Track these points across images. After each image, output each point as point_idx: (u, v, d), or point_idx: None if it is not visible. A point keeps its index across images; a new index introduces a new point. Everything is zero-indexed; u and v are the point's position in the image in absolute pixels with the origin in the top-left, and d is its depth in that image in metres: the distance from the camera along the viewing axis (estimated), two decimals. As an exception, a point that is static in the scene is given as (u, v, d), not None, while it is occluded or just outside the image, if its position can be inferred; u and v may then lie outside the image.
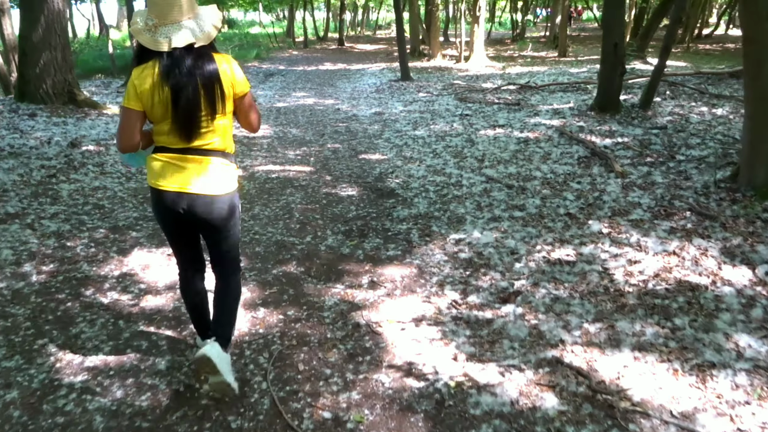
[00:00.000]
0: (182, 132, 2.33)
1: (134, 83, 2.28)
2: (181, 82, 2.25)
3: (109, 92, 11.73)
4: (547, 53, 22.33)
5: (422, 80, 14.04)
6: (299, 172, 6.28)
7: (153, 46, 2.25)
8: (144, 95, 2.27)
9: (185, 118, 2.30)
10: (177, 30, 2.27)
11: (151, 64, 2.27)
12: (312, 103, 11.13)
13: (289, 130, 8.47)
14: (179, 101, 2.26)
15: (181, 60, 2.26)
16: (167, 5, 2.26)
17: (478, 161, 6.38)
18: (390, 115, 9.35)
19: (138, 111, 2.32)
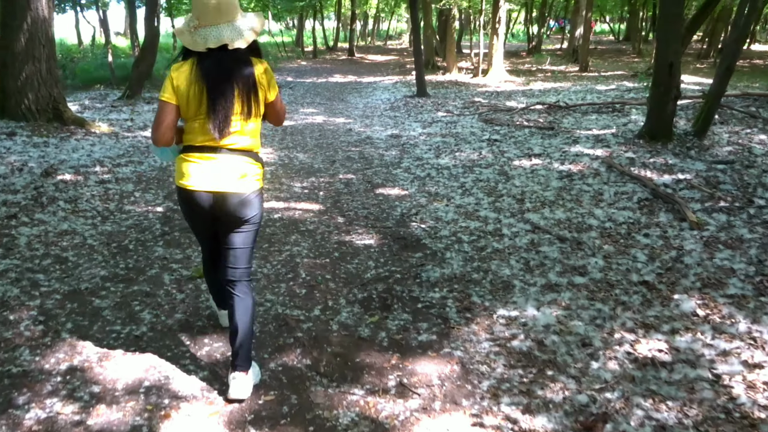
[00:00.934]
0: (214, 130, 2.42)
1: (171, 78, 2.41)
2: (216, 82, 2.39)
3: (103, 106, 10.84)
4: (566, 67, 21.42)
5: (439, 96, 13.10)
6: (306, 212, 5.34)
7: (191, 45, 2.43)
8: (180, 90, 2.40)
9: (219, 115, 2.40)
10: (214, 32, 2.41)
11: (190, 61, 2.43)
12: (321, 122, 10.20)
13: (295, 156, 7.53)
14: (215, 100, 2.39)
15: (219, 60, 2.41)
16: (207, 8, 2.41)
17: (518, 201, 5.42)
18: (408, 139, 8.40)
19: (173, 104, 2.43)
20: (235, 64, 2.43)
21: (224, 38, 2.41)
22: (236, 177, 2.52)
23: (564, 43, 32.41)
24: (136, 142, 7.94)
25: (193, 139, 2.51)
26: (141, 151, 7.44)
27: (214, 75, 2.40)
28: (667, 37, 6.69)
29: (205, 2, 2.41)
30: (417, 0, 12.36)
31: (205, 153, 2.49)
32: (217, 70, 2.41)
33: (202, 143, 2.49)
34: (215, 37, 2.41)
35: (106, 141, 7.85)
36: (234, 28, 2.44)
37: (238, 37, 2.44)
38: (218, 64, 2.41)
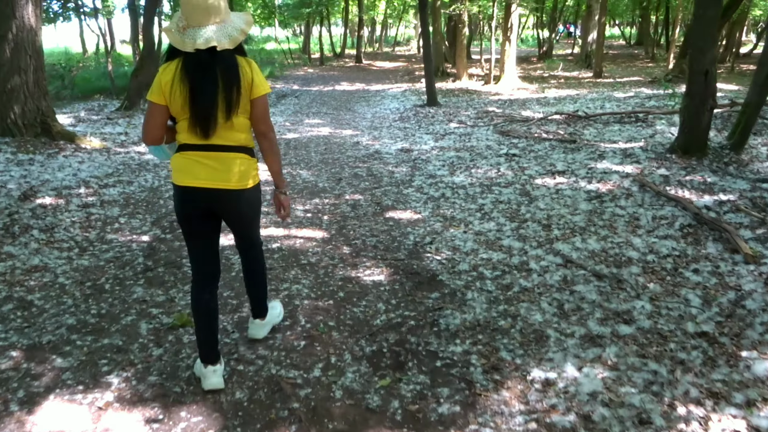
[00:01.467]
0: (199, 128, 2.48)
1: (159, 78, 2.47)
2: (198, 81, 2.43)
3: (99, 119, 10.36)
4: (579, 73, 20.84)
5: (451, 106, 12.55)
6: (308, 240, 4.79)
7: (180, 46, 2.44)
8: (166, 90, 2.44)
9: (202, 114, 2.46)
10: (202, 32, 2.43)
11: (176, 61, 2.46)
12: (327, 135, 9.67)
13: (298, 173, 6.99)
14: (196, 98, 2.43)
15: (202, 60, 2.43)
16: (195, 9, 2.42)
17: (544, 228, 4.85)
18: (420, 153, 7.85)
19: (161, 105, 2.49)
20: (219, 64, 2.45)
21: (212, 39, 2.42)
22: (230, 173, 2.56)
23: (574, 48, 31.84)
24: (128, 159, 7.43)
25: (185, 138, 2.54)
26: (132, 170, 6.92)
27: (197, 75, 2.43)
28: (702, 42, 6.12)
29: (194, 3, 2.42)
30: (427, 6, 11.83)
31: (197, 151, 2.53)
32: (201, 69, 2.44)
33: (193, 141, 2.52)
34: (203, 37, 2.42)
35: (96, 158, 7.34)
36: (222, 29, 2.47)
37: (225, 38, 2.46)
38: (202, 64, 2.43)
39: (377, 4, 37.84)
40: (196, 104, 2.44)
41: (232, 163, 2.56)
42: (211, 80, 2.44)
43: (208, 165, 2.53)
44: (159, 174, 6.76)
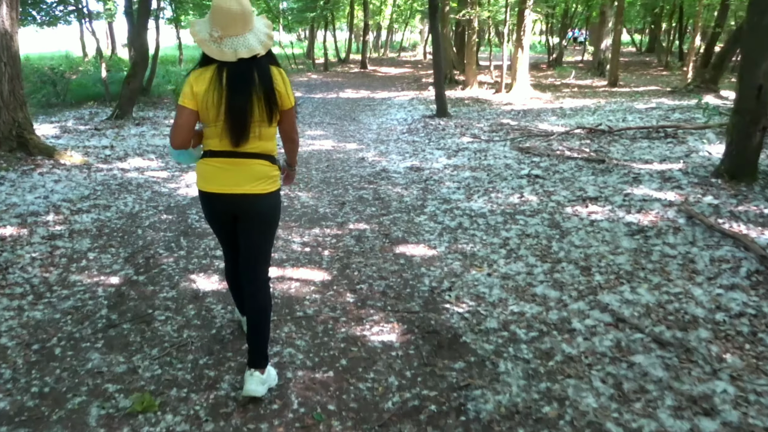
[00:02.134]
0: (232, 136, 2.51)
1: (191, 84, 2.47)
2: (236, 91, 2.45)
3: (87, 129, 9.67)
4: (593, 81, 20.12)
5: (462, 116, 11.83)
6: (306, 284, 4.08)
7: (220, 56, 2.45)
8: (199, 96, 2.46)
9: (237, 123, 2.49)
10: (241, 42, 2.45)
11: (211, 68, 2.47)
12: (330, 149, 8.95)
13: (297, 195, 6.28)
14: (234, 107, 2.45)
15: (241, 69, 2.45)
16: (232, 19, 2.42)
17: (583, 271, 4.13)
18: (431, 172, 7.13)
19: (192, 110, 2.49)
20: (255, 73, 2.48)
21: (253, 48, 2.46)
22: (255, 180, 2.61)
23: (584, 55, 31.13)
24: (110, 177, 6.73)
25: (213, 144, 2.59)
26: (111, 191, 6.22)
27: (235, 83, 2.46)
28: (756, 53, 5.40)
29: (231, 14, 2.41)
30: (438, 11, 11.13)
31: (225, 157, 2.58)
32: (239, 78, 2.46)
33: (221, 148, 2.57)
34: (245, 47, 2.45)
35: (74, 176, 6.65)
36: (255, 36, 2.49)
37: (259, 45, 2.49)
38: (240, 72, 2.46)
39: (383, 9, 37.22)
40: (232, 114, 2.47)
41: (256, 169, 2.61)
42: (248, 90, 2.47)
43: (232, 171, 2.59)
44: (141, 196, 6.06)
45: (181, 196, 6.10)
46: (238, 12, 2.43)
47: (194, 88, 2.47)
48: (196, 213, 5.53)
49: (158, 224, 5.27)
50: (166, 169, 7.25)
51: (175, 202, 5.92)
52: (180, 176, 6.95)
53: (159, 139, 9.03)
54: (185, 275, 4.19)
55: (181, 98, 2.49)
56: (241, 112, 2.47)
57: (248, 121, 2.50)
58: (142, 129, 9.73)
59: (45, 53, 32.55)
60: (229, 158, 2.57)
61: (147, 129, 9.75)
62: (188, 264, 4.39)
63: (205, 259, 4.50)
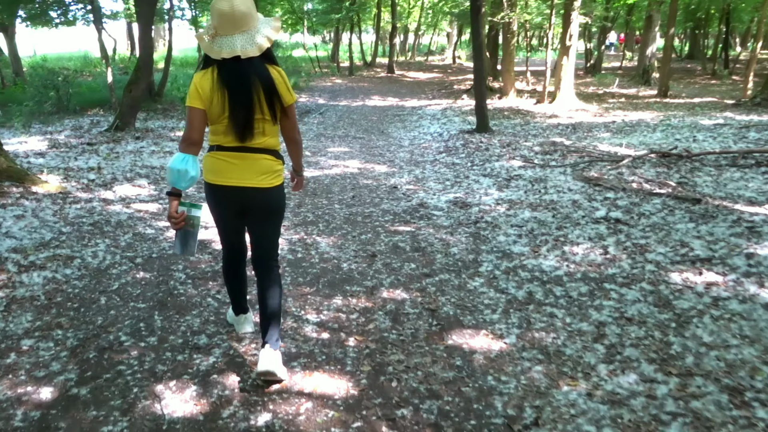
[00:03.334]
0: (236, 132, 2.64)
1: (196, 85, 2.61)
2: (235, 90, 2.58)
3: (78, 144, 8.48)
4: (638, 90, 18.58)
5: (505, 132, 10.44)
6: (321, 404, 2.76)
7: (210, 53, 2.60)
8: (205, 96, 2.59)
9: (241, 120, 2.62)
10: (230, 41, 2.56)
11: (211, 69, 2.62)
12: (356, 172, 7.64)
13: (314, 241, 4.98)
14: (236, 105, 2.59)
15: (236, 69, 2.57)
16: (223, 19, 2.54)
17: (732, 396, 2.76)
18: (482, 210, 5.78)
19: (200, 109, 2.61)
20: (251, 72, 2.59)
21: (237, 49, 2.55)
22: (261, 174, 2.72)
23: (622, 61, 29.48)
24: (85, 213, 5.48)
25: (219, 140, 2.70)
26: (81, 234, 4.96)
27: (233, 83, 2.58)
28: None
29: (222, 13, 2.53)
30: (480, 13, 9.76)
31: (231, 152, 2.68)
32: (236, 78, 2.58)
33: (228, 143, 2.68)
34: (228, 46, 2.56)
35: (43, 210, 5.44)
36: (247, 38, 2.58)
37: (249, 46, 2.57)
38: (236, 72, 2.58)
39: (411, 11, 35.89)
40: (235, 111, 2.60)
41: (261, 163, 2.72)
42: (248, 89, 2.58)
43: (239, 165, 2.69)
44: (117, 242, 4.80)
45: (167, 242, 4.82)
46: (228, 13, 2.52)
47: (199, 88, 2.59)
48: (182, 270, 4.25)
49: (130, 288, 3.99)
50: (158, 200, 6.00)
51: (158, 250, 4.64)
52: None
53: (157, 158, 7.79)
54: (148, 386, 2.89)
55: (189, 99, 2.62)
56: (244, 108, 2.60)
57: (252, 117, 2.63)
58: (141, 144, 8.51)
59: (64, 53, 31.83)
60: (235, 152, 2.68)
61: (146, 145, 8.52)
62: (156, 363, 3.10)
63: (183, 353, 3.20)
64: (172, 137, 9.28)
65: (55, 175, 6.47)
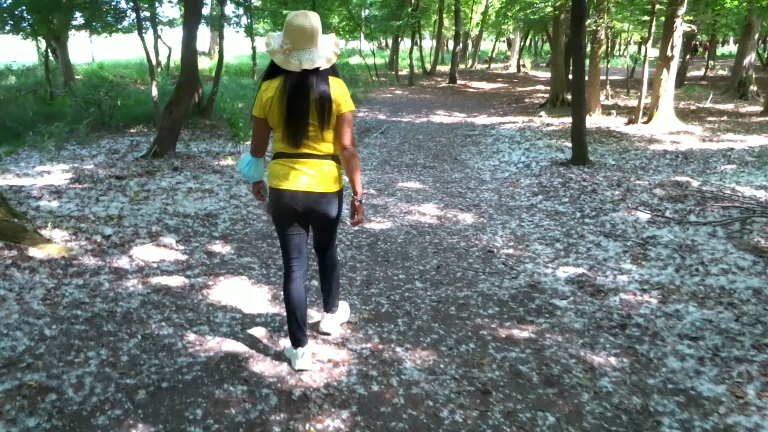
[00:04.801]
0: (291, 139, 2.88)
1: (260, 94, 2.89)
2: (296, 97, 2.81)
3: (105, 177, 7.21)
4: (736, 106, 16.43)
5: (608, 166, 8.71)
6: None
7: (286, 66, 2.82)
8: (266, 105, 2.87)
9: (295, 126, 2.85)
10: (306, 54, 2.81)
11: (278, 79, 2.85)
12: (435, 222, 6.09)
13: (394, 356, 3.45)
14: (291, 112, 2.83)
15: (303, 79, 2.80)
16: (301, 35, 2.79)
17: None
18: (624, 302, 4.14)
19: (261, 118, 2.93)
20: (315, 82, 2.80)
21: (315, 61, 2.81)
22: (318, 178, 2.93)
23: (706, 71, 27.03)
24: (86, 295, 4.09)
25: (280, 147, 2.94)
26: (69, 337, 3.52)
27: (296, 91, 2.80)
28: None
29: (300, 31, 2.78)
30: (583, 21, 8.05)
31: (291, 158, 2.91)
32: (300, 86, 2.80)
33: (286, 150, 2.92)
34: (308, 59, 2.80)
35: (34, 287, 4.11)
36: (318, 51, 2.83)
37: (322, 59, 2.83)
38: (302, 81, 2.80)
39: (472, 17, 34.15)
40: (290, 118, 2.83)
41: (321, 169, 2.93)
42: (307, 97, 2.81)
43: (300, 171, 2.91)
44: (117, 354, 3.37)
45: (194, 347, 3.40)
46: (307, 29, 2.79)
47: (263, 98, 2.87)
48: (200, 421, 2.80)
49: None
50: (188, 268, 4.61)
51: (172, 373, 3.20)
52: (207, 282, 4.32)
53: (193, 200, 6.40)
54: None
55: (254, 109, 2.93)
56: (298, 116, 2.83)
57: (305, 124, 2.84)
58: (178, 179, 7.18)
59: (121, 60, 31.42)
60: (293, 159, 2.91)
61: (184, 179, 7.18)
62: None
63: None
64: (216, 167, 7.96)
65: (62, 229, 5.17)
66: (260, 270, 4.66)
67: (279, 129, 2.88)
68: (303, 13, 2.81)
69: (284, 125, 2.84)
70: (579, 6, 7.68)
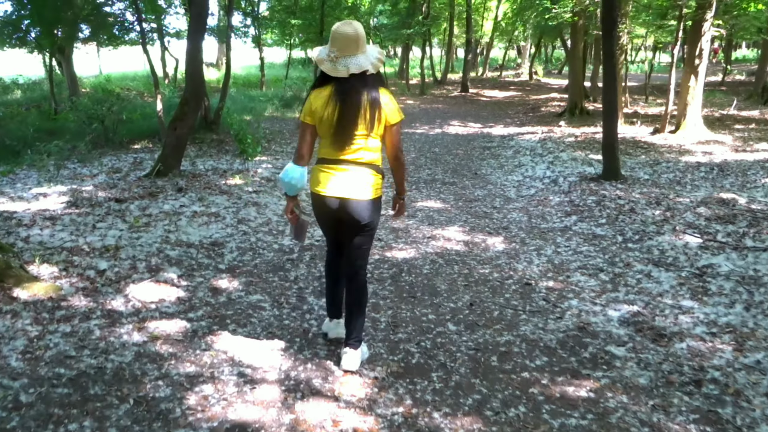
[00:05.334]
0: (337, 144, 2.96)
1: (310, 101, 2.99)
2: (347, 102, 2.89)
3: (104, 200, 6.72)
4: (761, 112, 15.81)
5: (640, 178, 8.16)
6: None
7: (334, 73, 2.92)
8: (316, 112, 2.97)
9: (343, 132, 2.92)
10: (353, 60, 2.91)
11: (328, 87, 2.95)
12: (462, 250, 5.54)
13: (431, 424, 2.91)
14: (341, 118, 2.90)
15: (352, 84, 2.90)
16: (347, 41, 2.89)
17: None
18: (692, 350, 3.58)
19: (311, 124, 3.02)
20: (365, 89, 2.90)
21: (363, 65, 2.90)
22: (358, 186, 3.00)
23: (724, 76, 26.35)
24: (76, 344, 3.59)
25: (324, 153, 3.04)
26: (50, 405, 3.02)
27: (346, 97, 2.89)
28: None
29: (347, 37, 2.88)
30: (615, 25, 7.49)
31: (334, 165, 3.00)
32: (350, 91, 2.89)
33: (331, 156, 3.01)
34: (356, 65, 2.90)
35: (15, 336, 3.61)
36: (366, 57, 2.93)
37: (369, 65, 2.92)
38: (352, 86, 2.89)
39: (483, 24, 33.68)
40: (340, 123, 2.91)
41: (362, 176, 3.00)
42: (357, 102, 2.89)
43: (341, 177, 2.99)
44: (104, 426, 2.86)
45: (195, 415, 2.88)
46: (352, 36, 2.88)
47: (312, 105, 2.97)
48: None
49: None
50: (190, 309, 4.10)
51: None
52: (212, 327, 3.80)
53: (198, 225, 5.88)
54: None
55: (302, 115, 3.04)
56: (348, 121, 2.89)
57: (353, 131, 2.91)
58: (183, 201, 6.68)
59: (129, 72, 31.12)
60: (336, 165, 2.99)
61: (188, 201, 6.67)
62: None
63: None
64: (223, 186, 7.46)
65: (52, 264, 4.66)
66: (272, 310, 4.14)
67: (327, 136, 2.99)
68: (347, 22, 2.97)
69: (333, 131, 2.93)
70: (610, 10, 7.15)
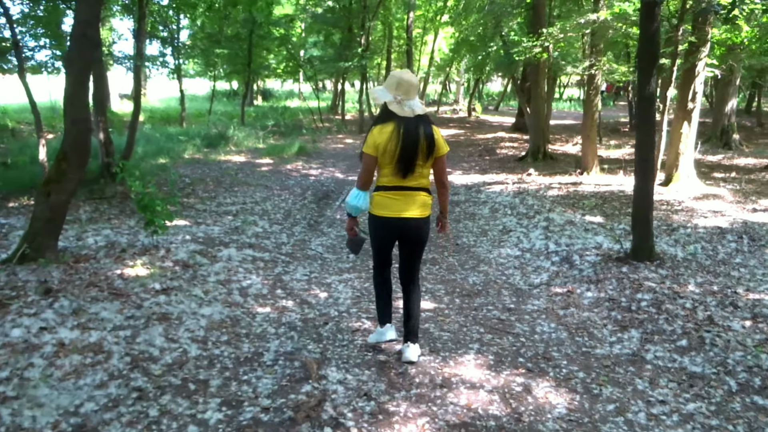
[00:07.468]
0: (401, 173, 3.58)
1: (374, 135, 3.58)
2: (411, 138, 3.52)
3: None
4: (727, 157, 14.83)
5: (675, 256, 6.41)
6: None
7: (402, 113, 3.55)
8: (380, 145, 3.55)
9: (407, 162, 3.55)
10: (415, 103, 3.60)
11: (391, 123, 3.56)
12: (497, 411, 3.49)
13: None
14: (406, 151, 3.52)
15: (416, 123, 3.57)
16: (411, 87, 3.60)
17: None
18: None
19: (374, 156, 3.59)
20: (424, 126, 3.58)
21: (422, 109, 3.60)
22: (417, 207, 3.67)
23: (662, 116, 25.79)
24: None
25: (386, 181, 3.63)
26: None
27: (410, 134, 3.52)
28: None
29: (411, 84, 3.60)
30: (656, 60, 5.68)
31: (395, 191, 3.63)
32: (415, 129, 3.54)
33: (392, 183, 3.62)
34: (418, 107, 3.61)
35: None
36: (418, 101, 3.64)
37: (420, 107, 3.62)
38: (416, 125, 3.56)
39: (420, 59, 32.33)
40: (403, 155, 3.52)
41: (418, 199, 3.67)
42: (417, 138, 3.53)
43: (401, 200, 3.63)
44: None
45: None
46: (415, 84, 3.64)
47: (377, 139, 3.54)
48: None
49: None
50: None
51: None
52: None
53: (60, 376, 3.55)
54: None
55: (366, 147, 3.58)
56: (411, 153, 3.52)
57: (414, 160, 3.54)
58: (47, 316, 4.24)
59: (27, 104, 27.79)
60: (398, 191, 3.62)
61: (57, 317, 4.21)
62: None
63: None
64: (117, 282, 5.10)
65: None
66: None
67: (389, 165, 3.56)
68: (407, 72, 3.76)
69: (396, 161, 3.52)
70: (651, 44, 5.39)
